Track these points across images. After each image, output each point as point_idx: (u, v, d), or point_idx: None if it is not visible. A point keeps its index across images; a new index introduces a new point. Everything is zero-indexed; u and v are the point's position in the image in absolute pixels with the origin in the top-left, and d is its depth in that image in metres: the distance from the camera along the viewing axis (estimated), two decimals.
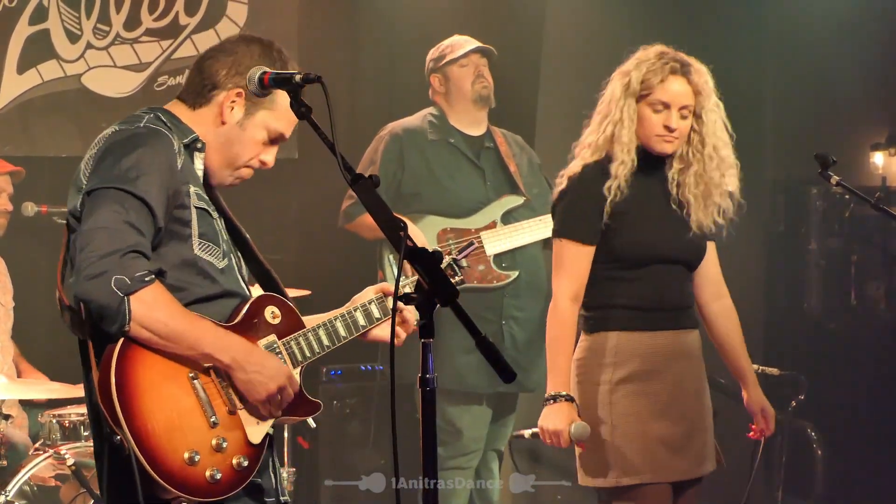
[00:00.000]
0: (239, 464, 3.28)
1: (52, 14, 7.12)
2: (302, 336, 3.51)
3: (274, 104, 3.46)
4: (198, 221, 3.36)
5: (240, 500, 3.33)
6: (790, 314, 7.71)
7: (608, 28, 7.25)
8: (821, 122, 7.46)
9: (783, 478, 6.96)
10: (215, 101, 3.46)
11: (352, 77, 7.57)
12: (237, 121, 3.45)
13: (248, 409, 3.33)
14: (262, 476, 3.41)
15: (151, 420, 3.18)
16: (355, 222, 6.41)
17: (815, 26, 7.45)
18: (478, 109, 6.42)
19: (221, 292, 3.39)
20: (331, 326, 3.57)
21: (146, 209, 3.23)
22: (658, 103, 4.45)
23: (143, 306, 3.15)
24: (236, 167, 3.51)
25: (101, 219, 3.19)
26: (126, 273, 3.13)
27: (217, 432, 3.26)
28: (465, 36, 6.48)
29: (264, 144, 3.51)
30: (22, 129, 6.92)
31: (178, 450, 3.19)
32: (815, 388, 6.87)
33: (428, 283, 2.97)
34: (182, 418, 3.22)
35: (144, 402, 3.18)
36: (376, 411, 6.91)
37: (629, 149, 4.46)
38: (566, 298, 4.48)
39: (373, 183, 3.12)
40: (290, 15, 7.59)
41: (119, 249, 3.15)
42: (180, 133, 3.41)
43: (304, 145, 7.48)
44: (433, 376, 2.97)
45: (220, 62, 3.46)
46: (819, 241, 7.64)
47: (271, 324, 3.46)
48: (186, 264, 3.33)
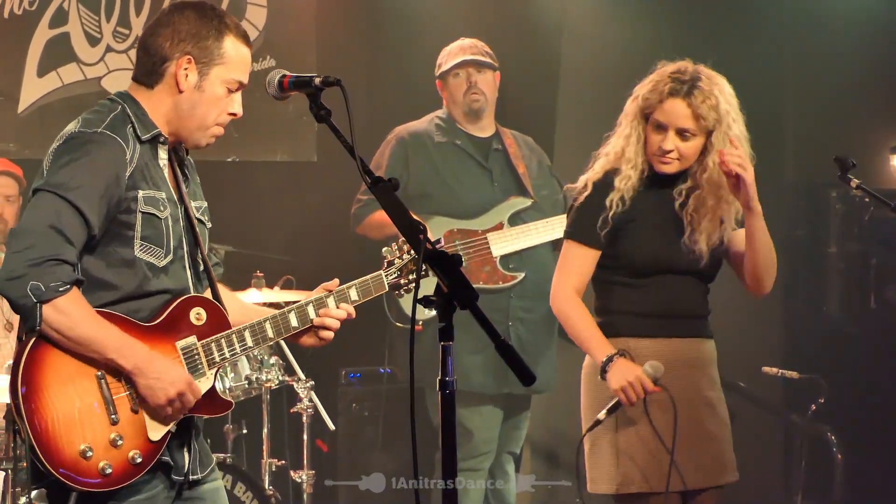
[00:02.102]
0: (133, 458, 3.47)
1: (73, 17, 7.14)
2: (224, 337, 3.63)
3: (223, 57, 3.60)
4: (142, 225, 3.52)
5: (147, 478, 3.52)
6: (809, 318, 7.69)
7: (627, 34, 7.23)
8: (840, 125, 7.44)
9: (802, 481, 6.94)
10: (168, 73, 3.59)
11: (370, 80, 7.58)
12: (194, 85, 3.59)
13: (148, 411, 3.50)
14: (174, 455, 3.58)
15: (51, 413, 3.40)
16: (363, 224, 6.43)
17: (835, 30, 7.44)
18: (469, 121, 6.43)
19: (155, 290, 3.55)
20: (258, 327, 3.67)
21: (80, 218, 3.42)
22: (656, 123, 4.45)
23: (53, 312, 3.37)
24: (207, 127, 3.64)
25: (34, 222, 3.42)
26: (43, 280, 3.35)
27: (116, 429, 3.46)
28: (470, 40, 6.46)
29: (225, 96, 3.62)
30: (42, 132, 6.94)
31: (73, 443, 3.41)
32: (835, 392, 6.85)
33: (447, 286, 2.97)
34: (82, 414, 3.43)
35: (47, 396, 3.40)
36: (384, 414, 6.92)
37: (634, 165, 4.47)
38: (566, 288, 4.52)
39: (392, 186, 3.13)
40: (308, 18, 7.60)
41: (42, 256, 3.36)
42: (143, 128, 3.57)
43: (322, 148, 7.50)
44: (453, 379, 2.98)
45: (161, 36, 3.60)
46: (838, 244, 7.62)
47: (194, 324, 3.60)
48: (126, 264, 3.51)
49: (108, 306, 3.49)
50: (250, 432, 6.48)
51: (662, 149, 4.44)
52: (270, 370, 5.95)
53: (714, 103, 4.41)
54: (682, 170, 4.49)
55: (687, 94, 4.41)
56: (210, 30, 3.58)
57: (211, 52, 3.57)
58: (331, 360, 6.80)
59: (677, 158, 4.45)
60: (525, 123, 6.74)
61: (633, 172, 4.47)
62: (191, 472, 3.64)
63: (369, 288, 3.76)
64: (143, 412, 3.49)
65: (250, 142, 7.43)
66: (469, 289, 2.98)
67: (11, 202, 6.23)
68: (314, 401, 6.17)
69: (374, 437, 6.91)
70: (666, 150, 4.43)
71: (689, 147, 4.45)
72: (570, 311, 4.52)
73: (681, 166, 4.48)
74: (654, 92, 4.45)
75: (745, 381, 6.94)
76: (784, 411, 7.38)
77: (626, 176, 4.47)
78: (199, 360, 3.58)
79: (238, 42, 3.61)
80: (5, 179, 6.24)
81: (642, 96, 4.48)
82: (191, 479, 3.65)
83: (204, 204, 3.78)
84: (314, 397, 6.17)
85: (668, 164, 4.47)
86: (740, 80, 4.57)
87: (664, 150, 4.44)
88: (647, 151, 4.49)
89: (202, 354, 3.59)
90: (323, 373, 6.61)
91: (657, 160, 4.47)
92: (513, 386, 6.21)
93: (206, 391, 3.59)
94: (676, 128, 4.43)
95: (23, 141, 7.06)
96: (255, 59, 7.38)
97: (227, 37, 3.59)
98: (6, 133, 7.08)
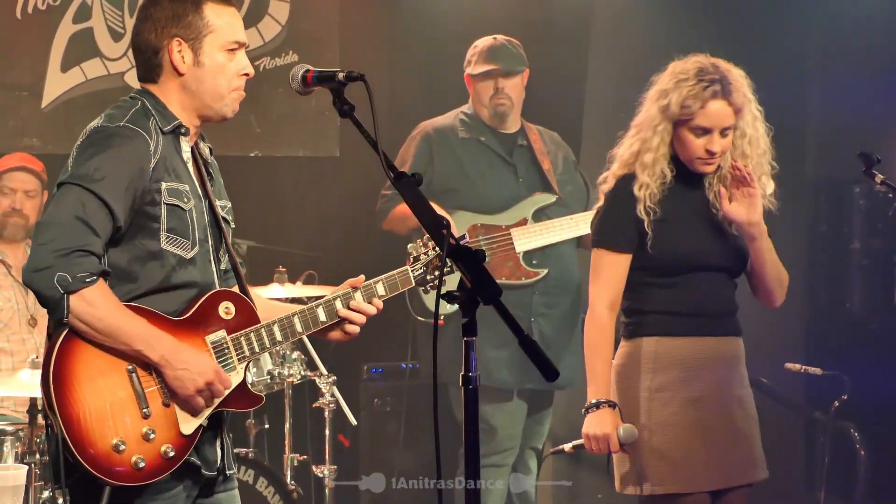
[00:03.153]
0: (165, 452, 3.47)
1: (96, 12, 7.16)
2: (253, 331, 3.63)
3: (209, 26, 3.61)
4: (167, 216, 3.53)
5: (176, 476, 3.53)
6: (832, 314, 7.66)
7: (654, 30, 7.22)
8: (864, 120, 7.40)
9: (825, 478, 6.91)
10: (164, 61, 3.62)
11: (392, 75, 7.58)
12: (192, 62, 3.61)
13: (179, 403, 3.51)
14: (204, 451, 3.59)
15: (84, 408, 3.40)
16: (388, 218, 6.44)
17: (859, 23, 7.40)
18: (494, 123, 6.42)
19: (182, 283, 3.56)
20: (287, 322, 3.67)
21: (105, 209, 3.43)
22: (699, 129, 4.42)
23: (80, 302, 3.37)
24: (223, 95, 3.64)
25: (60, 214, 3.42)
26: (70, 271, 3.36)
27: (148, 423, 3.46)
28: (501, 38, 6.43)
29: (230, 61, 3.63)
30: (66, 127, 6.96)
31: (106, 437, 3.41)
32: (858, 389, 6.82)
33: (471, 281, 2.97)
34: (114, 408, 3.44)
35: (79, 391, 3.41)
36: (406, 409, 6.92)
37: (651, 171, 4.43)
38: (603, 306, 4.47)
39: (415, 181, 3.13)
40: (331, 13, 7.60)
41: (69, 247, 3.37)
42: (164, 120, 3.59)
43: (344, 144, 7.50)
44: (476, 375, 2.97)
45: (144, 31, 3.64)
46: (862, 240, 7.58)
47: (223, 319, 3.61)
48: (153, 256, 3.52)
49: (136, 300, 3.50)
50: (272, 427, 6.49)
51: (710, 151, 4.40)
52: (292, 365, 5.96)
53: (744, 92, 4.41)
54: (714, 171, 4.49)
55: (726, 94, 4.38)
56: (186, 6, 3.60)
57: (195, 26, 3.59)
58: (353, 355, 6.80)
59: (720, 157, 4.44)
60: (552, 119, 6.73)
61: (650, 179, 4.43)
62: (225, 467, 3.66)
63: (396, 283, 3.77)
64: (175, 405, 3.50)
65: (273, 137, 7.45)
66: (493, 284, 2.98)
67: (32, 197, 6.25)
68: (336, 396, 6.18)
69: (396, 433, 6.91)
70: (714, 152, 4.41)
71: (728, 143, 4.44)
72: (598, 338, 4.46)
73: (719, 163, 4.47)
74: (692, 98, 4.37)
75: (768, 377, 6.91)
76: (807, 408, 7.36)
77: (643, 184, 4.44)
78: (229, 355, 3.59)
79: (217, 5, 3.62)
80: (25, 175, 6.26)
81: (677, 103, 4.40)
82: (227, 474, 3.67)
83: (228, 204, 3.79)
84: (336, 392, 6.17)
85: (712, 164, 4.45)
86: (764, 74, 4.55)
87: (712, 152, 4.41)
88: (681, 155, 4.45)
89: (232, 348, 3.60)
90: (345, 368, 6.61)
91: (701, 163, 4.43)
92: (535, 381, 6.21)
93: (236, 385, 3.59)
94: (721, 128, 4.41)
95: (46, 136, 7.09)
96: (278, 55, 7.40)
97: (206, 5, 3.61)
98: (30, 128, 7.10)
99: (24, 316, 6.13)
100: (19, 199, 6.22)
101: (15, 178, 6.25)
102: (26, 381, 5.10)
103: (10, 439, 5.19)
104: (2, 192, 6.23)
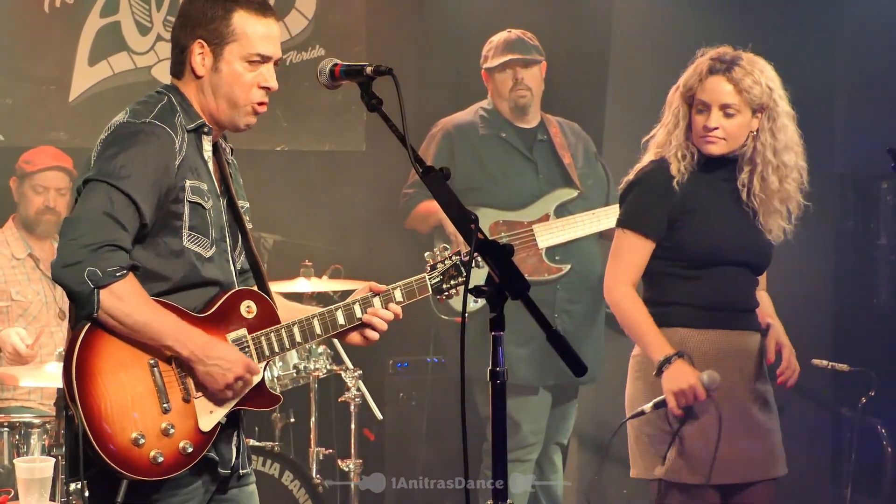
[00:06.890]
0: (184, 448, 3.48)
1: (123, 6, 7.18)
2: (273, 332, 3.64)
3: (235, 35, 3.59)
4: (189, 215, 3.54)
5: (194, 472, 3.54)
6: (860, 310, 7.63)
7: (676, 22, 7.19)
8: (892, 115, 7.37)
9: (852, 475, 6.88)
10: (187, 61, 3.63)
11: (420, 69, 7.57)
12: (211, 67, 3.61)
13: (205, 397, 3.52)
14: (220, 449, 3.59)
15: (105, 400, 3.40)
16: (409, 218, 6.44)
17: (887, 18, 7.37)
18: (515, 117, 6.40)
19: (202, 281, 3.57)
20: (307, 323, 3.68)
21: (132, 206, 3.43)
22: (700, 104, 4.44)
23: (111, 298, 3.37)
24: (239, 106, 3.62)
25: (88, 210, 3.42)
26: (100, 266, 3.36)
27: (168, 418, 3.47)
28: (515, 32, 6.43)
29: (250, 72, 3.61)
30: (92, 121, 6.97)
31: (126, 430, 3.41)
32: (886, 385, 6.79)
33: (498, 276, 2.96)
34: (135, 402, 3.44)
35: (100, 383, 3.41)
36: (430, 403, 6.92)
37: (677, 153, 4.45)
38: (621, 283, 4.46)
39: (444, 175, 3.12)
40: (358, 7, 7.61)
41: (97, 242, 3.37)
42: (188, 118, 3.59)
43: (371, 138, 7.50)
44: (503, 370, 2.97)
45: (178, 27, 3.66)
46: (889, 235, 7.55)
47: (244, 317, 3.62)
48: (175, 254, 3.53)
49: (160, 297, 3.50)
50: (298, 421, 6.50)
51: (707, 127, 4.41)
52: (318, 359, 5.97)
53: (757, 78, 4.40)
54: (731, 151, 4.46)
55: (727, 71, 4.40)
56: (217, 10, 3.59)
57: (220, 32, 3.58)
58: (378, 350, 6.78)
59: (723, 138, 4.42)
60: (574, 113, 6.72)
61: (680, 162, 4.44)
62: (239, 466, 3.67)
63: (413, 290, 3.78)
64: (195, 402, 3.50)
65: (299, 131, 7.45)
66: (521, 279, 2.97)
67: (63, 194, 6.29)
68: (362, 390, 6.18)
69: (420, 427, 6.92)
70: (710, 127, 4.40)
71: (733, 124, 4.42)
72: (628, 305, 4.46)
73: (728, 147, 4.44)
74: (693, 74, 4.45)
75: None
76: (834, 404, 7.33)
77: (675, 167, 4.45)
78: (250, 353, 3.60)
79: (249, 15, 3.59)
80: (56, 173, 6.30)
81: (683, 83, 4.48)
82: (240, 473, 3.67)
83: (247, 204, 3.79)
84: (362, 386, 6.18)
85: (713, 142, 4.43)
86: (791, 69, 4.53)
87: (708, 127, 4.41)
88: (692, 136, 4.46)
89: (252, 347, 3.61)
90: (370, 362, 6.62)
91: (702, 141, 4.44)
92: (556, 378, 6.20)
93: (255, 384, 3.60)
94: (720, 104, 4.40)
95: (73, 129, 7.11)
96: (304, 49, 7.41)
97: (236, 13, 3.59)
98: (57, 121, 7.13)
99: (52, 309, 6.15)
100: (52, 197, 6.25)
101: (47, 177, 6.29)
102: (54, 374, 5.13)
103: (38, 432, 5.22)
104: (35, 190, 6.26)
